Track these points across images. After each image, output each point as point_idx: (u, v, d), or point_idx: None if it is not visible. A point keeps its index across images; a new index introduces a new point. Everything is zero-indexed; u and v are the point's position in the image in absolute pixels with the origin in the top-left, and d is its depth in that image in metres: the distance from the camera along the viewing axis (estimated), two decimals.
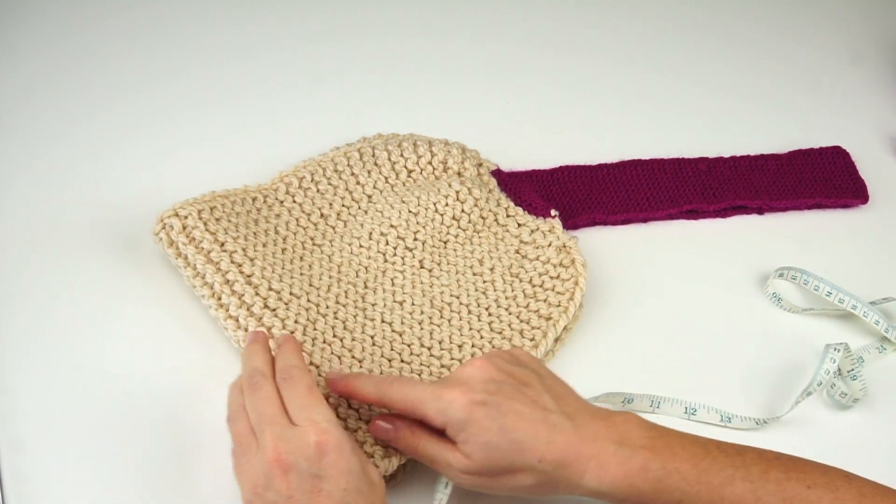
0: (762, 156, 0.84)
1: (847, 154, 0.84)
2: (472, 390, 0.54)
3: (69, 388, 0.64)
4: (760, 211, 0.81)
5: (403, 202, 0.74)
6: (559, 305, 0.69)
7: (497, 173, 0.78)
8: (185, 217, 0.68)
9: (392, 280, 0.71)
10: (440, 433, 0.55)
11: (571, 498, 0.56)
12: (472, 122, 0.85)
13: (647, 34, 1.00)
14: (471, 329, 0.68)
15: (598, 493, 0.54)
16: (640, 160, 0.83)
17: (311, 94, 0.88)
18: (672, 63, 0.97)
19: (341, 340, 0.66)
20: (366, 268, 0.72)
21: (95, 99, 0.85)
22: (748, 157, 0.84)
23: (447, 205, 0.74)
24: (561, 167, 0.82)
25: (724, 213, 0.81)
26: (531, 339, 0.67)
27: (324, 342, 0.65)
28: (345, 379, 0.59)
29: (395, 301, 0.69)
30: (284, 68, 0.90)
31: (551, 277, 0.71)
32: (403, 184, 0.76)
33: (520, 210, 0.76)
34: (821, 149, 0.85)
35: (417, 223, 0.74)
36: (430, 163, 0.77)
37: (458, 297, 0.70)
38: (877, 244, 0.81)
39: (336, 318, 0.67)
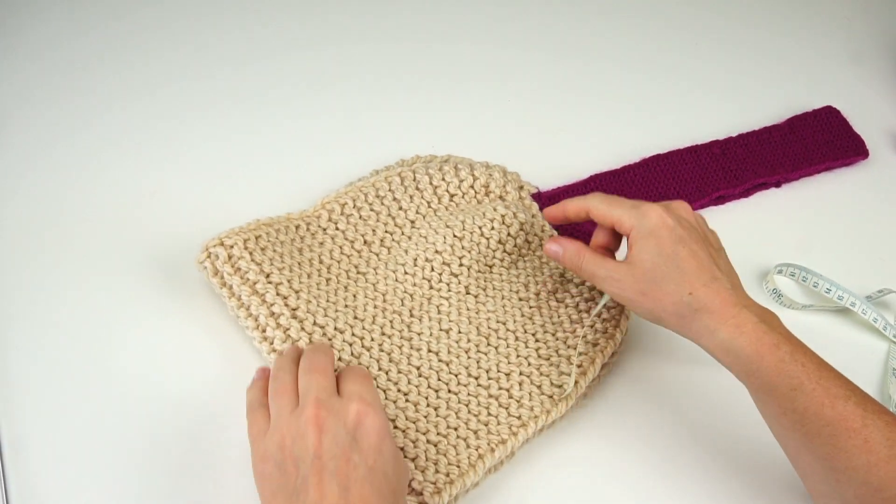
0: (766, 128, 0.88)
1: (839, 112, 0.89)
2: (668, 213, 0.61)
3: (75, 391, 0.64)
4: (778, 184, 0.85)
5: (448, 227, 0.73)
6: (605, 332, 0.68)
7: (537, 196, 0.77)
8: (231, 247, 0.66)
9: (438, 307, 0.70)
10: (602, 251, 0.64)
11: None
12: (492, 133, 0.85)
13: (650, 35, 1.00)
14: (518, 356, 0.67)
15: (725, 349, 0.58)
16: (659, 155, 0.84)
17: (341, 111, 0.86)
18: (675, 63, 0.97)
19: (386, 373, 0.64)
20: (411, 295, 0.70)
21: (101, 107, 0.83)
22: (754, 132, 0.88)
23: (493, 228, 0.73)
24: (592, 177, 0.82)
25: (746, 192, 0.85)
26: (579, 366, 0.66)
27: None
28: (557, 204, 0.68)
29: (441, 329, 0.68)
30: (308, 85, 0.89)
31: (597, 303, 0.69)
32: (446, 208, 0.75)
33: None
34: (815, 111, 0.90)
35: (462, 248, 0.72)
36: (472, 186, 0.76)
37: (504, 324, 0.69)
38: (880, 243, 0.83)
39: (381, 351, 0.66)
